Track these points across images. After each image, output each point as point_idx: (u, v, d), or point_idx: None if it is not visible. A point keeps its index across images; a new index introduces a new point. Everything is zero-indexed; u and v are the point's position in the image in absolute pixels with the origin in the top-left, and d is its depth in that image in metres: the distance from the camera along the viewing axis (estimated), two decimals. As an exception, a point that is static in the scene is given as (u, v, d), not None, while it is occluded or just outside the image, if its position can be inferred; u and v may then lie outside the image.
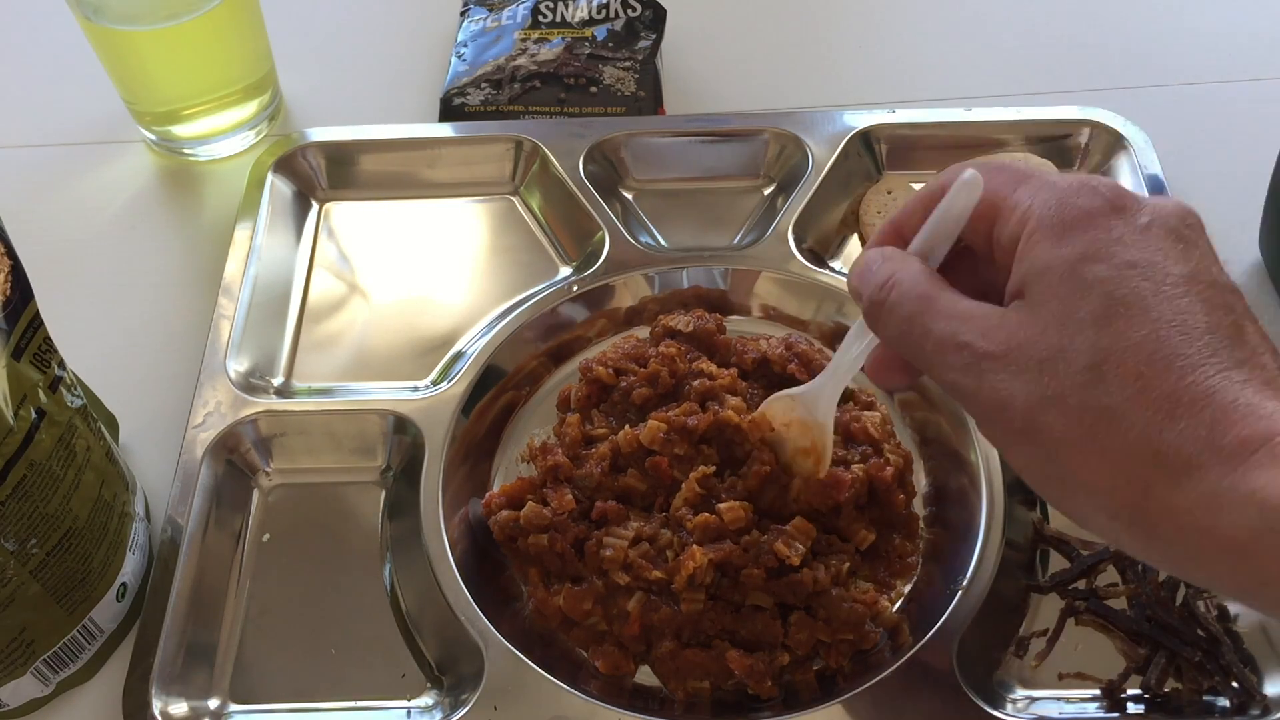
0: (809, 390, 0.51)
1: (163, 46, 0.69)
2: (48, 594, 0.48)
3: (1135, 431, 0.31)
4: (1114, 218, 0.34)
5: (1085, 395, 0.32)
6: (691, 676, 0.50)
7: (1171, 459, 0.31)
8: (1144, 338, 0.32)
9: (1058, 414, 0.33)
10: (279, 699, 0.51)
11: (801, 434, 0.51)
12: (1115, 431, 0.32)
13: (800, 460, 0.52)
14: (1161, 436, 0.31)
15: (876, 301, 0.38)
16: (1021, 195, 0.37)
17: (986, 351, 0.35)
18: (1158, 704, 0.49)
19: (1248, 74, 0.78)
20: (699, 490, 0.52)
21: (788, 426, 0.52)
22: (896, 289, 0.38)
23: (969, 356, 0.35)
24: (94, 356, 0.60)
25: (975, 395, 0.35)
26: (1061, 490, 0.34)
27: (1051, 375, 0.33)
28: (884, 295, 0.38)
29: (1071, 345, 0.33)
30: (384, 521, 0.57)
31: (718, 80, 0.80)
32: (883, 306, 0.38)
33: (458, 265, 0.68)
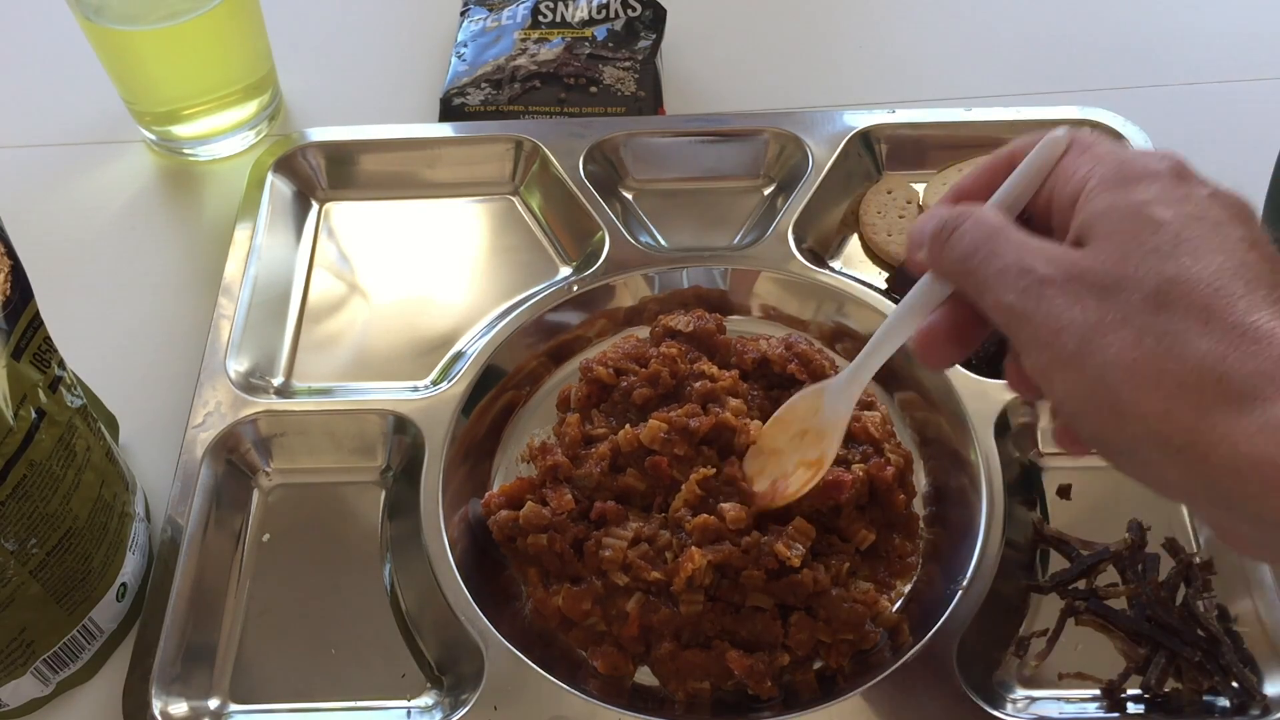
0: (836, 383, 0.50)
1: (163, 46, 0.69)
2: (48, 594, 0.48)
3: (1198, 357, 0.31)
4: (1178, 179, 0.35)
5: (1148, 319, 0.32)
6: (691, 677, 0.50)
7: (1235, 386, 0.31)
8: (1211, 273, 0.32)
9: (1116, 337, 0.33)
10: (279, 699, 0.51)
11: (812, 445, 0.51)
12: (1176, 355, 0.32)
13: (800, 471, 0.51)
14: (1225, 364, 0.31)
15: (942, 233, 0.38)
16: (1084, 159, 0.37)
17: (1049, 276, 0.35)
18: (1158, 704, 0.49)
19: (1248, 74, 0.78)
20: (699, 491, 0.52)
21: (802, 436, 0.51)
22: (970, 219, 0.38)
23: (1031, 280, 0.35)
24: (94, 356, 0.60)
25: (1031, 318, 0.35)
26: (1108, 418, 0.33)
27: (1114, 301, 0.33)
28: (957, 223, 0.38)
29: (1136, 273, 0.33)
30: (384, 521, 0.57)
31: (718, 80, 0.80)
32: (954, 232, 0.38)
33: (458, 265, 0.68)
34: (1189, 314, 0.32)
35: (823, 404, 0.50)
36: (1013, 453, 0.57)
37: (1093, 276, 0.34)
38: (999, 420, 0.56)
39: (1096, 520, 0.55)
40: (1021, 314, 0.35)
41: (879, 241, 0.67)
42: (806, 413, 0.51)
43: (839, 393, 0.50)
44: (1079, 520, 0.55)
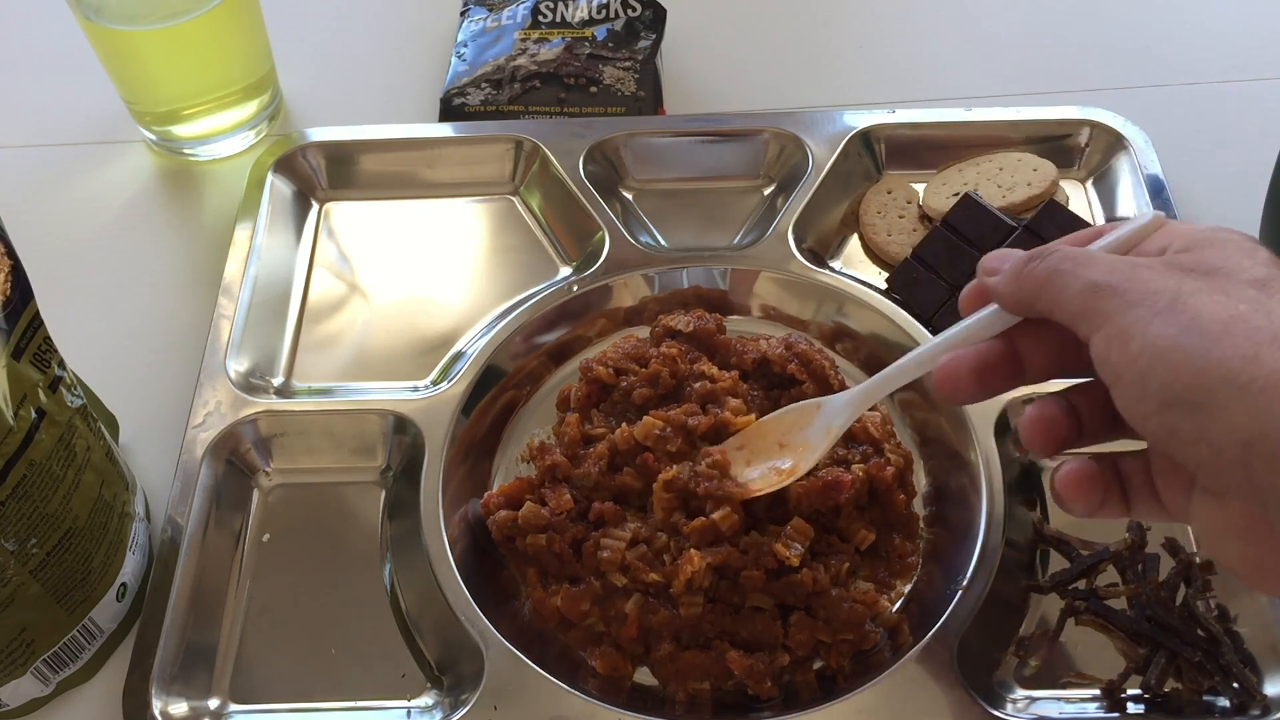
0: (837, 400, 0.50)
1: (163, 46, 0.69)
2: (48, 594, 0.48)
3: None
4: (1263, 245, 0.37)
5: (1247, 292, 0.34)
6: (691, 678, 0.50)
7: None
8: None
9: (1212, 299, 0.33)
10: (279, 699, 0.51)
11: (787, 455, 0.51)
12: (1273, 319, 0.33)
13: (769, 474, 0.51)
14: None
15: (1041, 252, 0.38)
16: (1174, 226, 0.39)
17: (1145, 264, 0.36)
18: (1158, 704, 0.49)
19: (1248, 74, 0.78)
20: (668, 495, 0.52)
21: (781, 448, 0.52)
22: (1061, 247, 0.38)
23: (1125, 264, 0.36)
24: (94, 356, 0.60)
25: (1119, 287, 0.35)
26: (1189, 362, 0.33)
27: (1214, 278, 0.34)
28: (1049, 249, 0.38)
29: (1237, 267, 0.35)
30: (384, 521, 0.57)
31: (718, 80, 0.80)
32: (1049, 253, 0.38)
33: (458, 265, 0.68)
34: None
35: (813, 421, 0.50)
36: (1013, 453, 0.57)
37: (1192, 264, 0.35)
38: (999, 420, 0.56)
39: (1096, 520, 0.55)
40: (1108, 286, 0.35)
41: (879, 241, 0.67)
42: (791, 426, 0.52)
43: (839, 409, 0.49)
44: (1079, 520, 0.55)
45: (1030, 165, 0.68)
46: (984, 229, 0.63)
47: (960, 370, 0.40)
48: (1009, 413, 0.57)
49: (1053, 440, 0.39)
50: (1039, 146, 0.70)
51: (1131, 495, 0.38)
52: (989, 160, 0.69)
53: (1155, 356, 0.33)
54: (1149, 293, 0.34)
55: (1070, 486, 0.39)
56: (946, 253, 0.63)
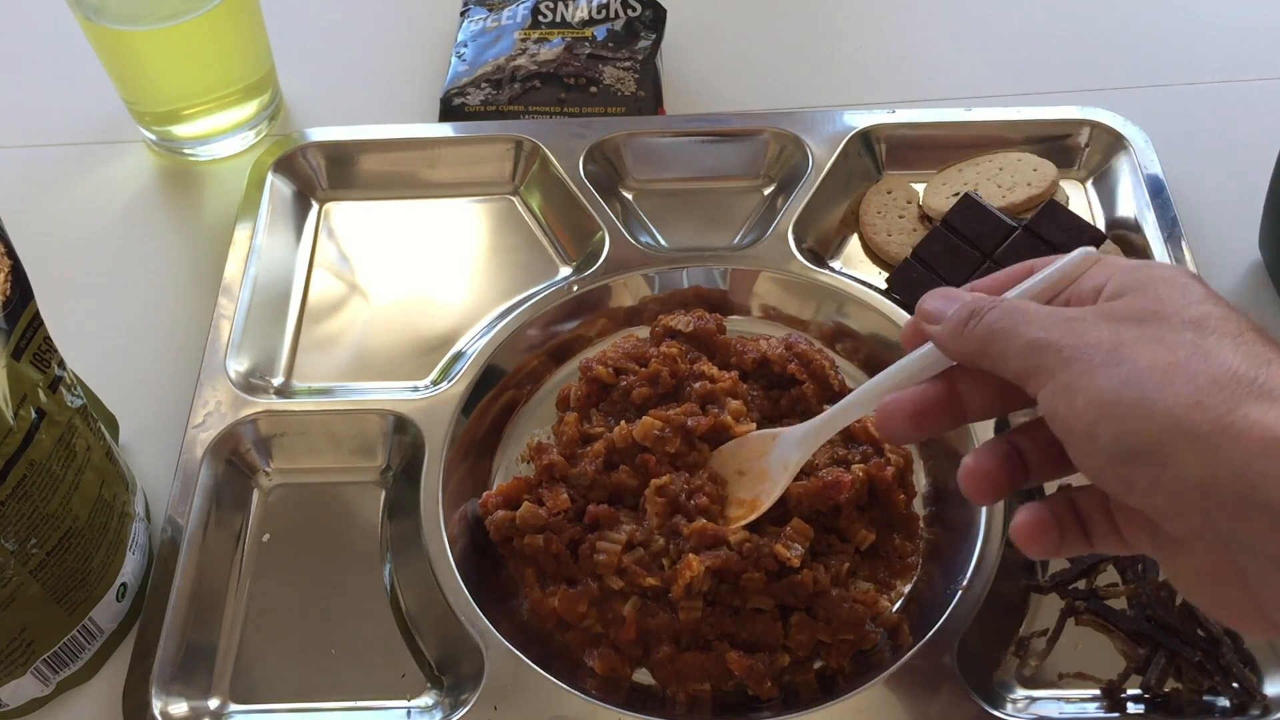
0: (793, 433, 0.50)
1: (163, 46, 0.69)
2: (48, 594, 0.48)
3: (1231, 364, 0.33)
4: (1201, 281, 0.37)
5: (1183, 335, 0.34)
6: (691, 679, 0.50)
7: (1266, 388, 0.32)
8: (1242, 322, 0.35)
9: (1150, 345, 0.34)
10: (279, 699, 0.51)
11: (748, 486, 0.51)
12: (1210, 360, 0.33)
13: (733, 508, 0.52)
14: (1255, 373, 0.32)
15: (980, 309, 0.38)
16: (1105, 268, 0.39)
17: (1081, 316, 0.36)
18: (1158, 704, 0.49)
19: (1248, 74, 0.78)
20: (660, 500, 0.52)
21: (741, 475, 0.52)
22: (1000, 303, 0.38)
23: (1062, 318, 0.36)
24: (94, 356, 0.60)
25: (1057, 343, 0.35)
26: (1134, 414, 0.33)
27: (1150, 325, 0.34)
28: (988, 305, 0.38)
29: (1173, 309, 0.35)
30: (384, 521, 0.57)
31: (718, 80, 0.80)
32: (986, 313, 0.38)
33: (458, 265, 0.68)
34: (1223, 337, 0.33)
35: (771, 450, 0.51)
36: (1013, 453, 0.57)
37: (1128, 312, 0.35)
38: (999, 420, 0.56)
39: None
40: (1047, 343, 0.35)
41: (879, 241, 0.67)
42: (750, 455, 0.52)
43: (795, 444, 0.50)
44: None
45: (1030, 165, 0.68)
46: (984, 229, 0.63)
47: (898, 412, 0.40)
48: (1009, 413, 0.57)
49: (991, 490, 0.39)
50: (1039, 146, 0.70)
51: (1092, 532, 0.38)
52: (989, 160, 0.69)
53: (1101, 410, 0.34)
54: (1087, 345, 0.34)
55: (1025, 537, 0.39)
56: (946, 253, 0.63)
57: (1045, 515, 0.38)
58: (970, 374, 0.39)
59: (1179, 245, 0.63)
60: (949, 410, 0.40)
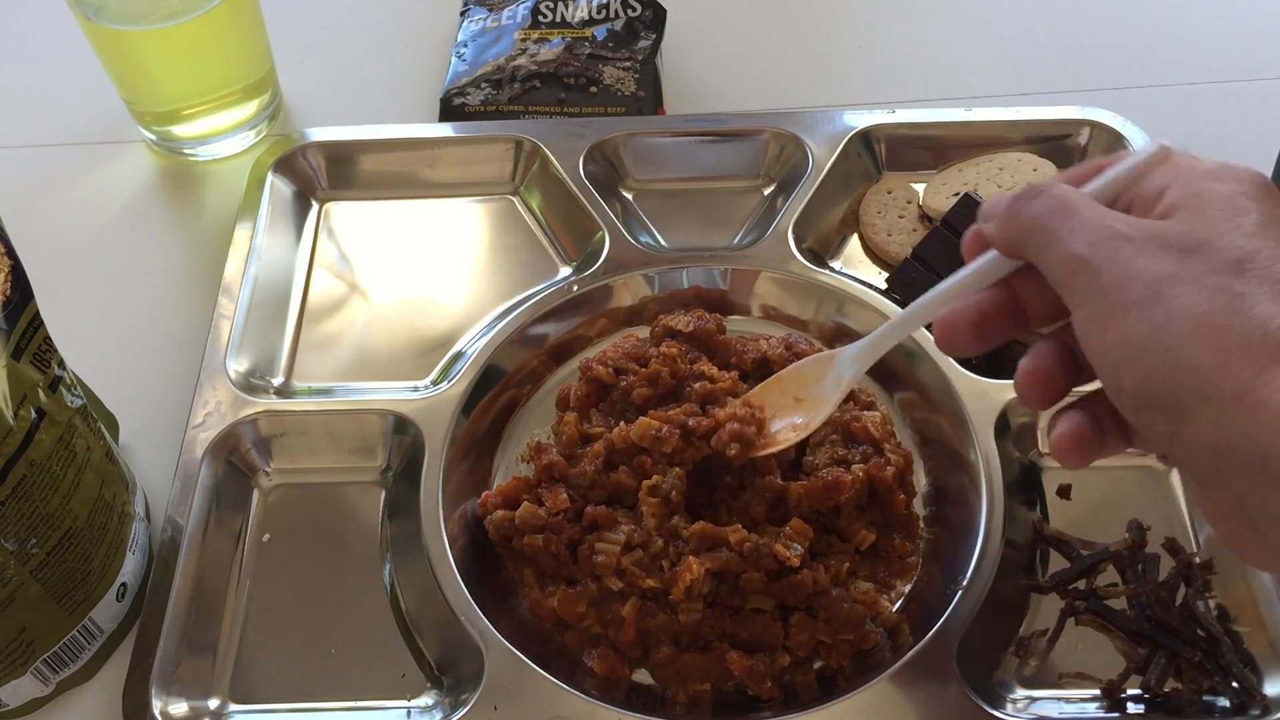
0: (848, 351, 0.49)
1: (163, 46, 0.69)
2: (48, 594, 0.48)
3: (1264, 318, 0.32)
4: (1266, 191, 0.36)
5: (1223, 279, 0.33)
6: (691, 679, 0.50)
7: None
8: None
9: (1188, 289, 0.33)
10: (279, 699, 0.51)
11: (807, 410, 0.50)
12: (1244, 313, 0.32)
13: (785, 432, 0.51)
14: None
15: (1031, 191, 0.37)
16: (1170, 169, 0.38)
17: (1126, 233, 0.35)
18: (1158, 704, 0.49)
19: (1248, 74, 0.78)
20: (654, 500, 0.52)
21: (798, 402, 0.51)
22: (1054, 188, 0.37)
23: (1107, 234, 0.35)
24: (94, 356, 0.60)
25: (1099, 267, 0.34)
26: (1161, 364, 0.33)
27: (1192, 259, 0.33)
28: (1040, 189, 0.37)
29: (1219, 240, 0.34)
30: (384, 521, 0.57)
31: (718, 80, 0.80)
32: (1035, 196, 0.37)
33: (458, 265, 0.68)
34: (1262, 283, 0.33)
35: (829, 373, 0.50)
36: (1013, 453, 0.57)
37: (1173, 238, 0.34)
38: (999, 420, 0.56)
39: (1096, 520, 0.55)
40: (1089, 263, 0.35)
41: (879, 241, 0.67)
42: (809, 379, 0.51)
43: (849, 361, 0.49)
44: (1079, 520, 0.55)
45: (1030, 165, 0.68)
46: (984, 229, 0.63)
47: (959, 322, 0.40)
48: (1009, 413, 0.57)
49: (1051, 393, 0.39)
50: (1039, 146, 0.70)
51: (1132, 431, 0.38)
52: (989, 160, 0.69)
53: (1129, 353, 0.34)
54: (1127, 277, 0.34)
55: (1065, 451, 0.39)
56: (946, 253, 0.63)
57: (1083, 424, 0.38)
58: (1030, 278, 0.38)
59: (1179, 245, 0.63)
60: (1010, 317, 0.39)
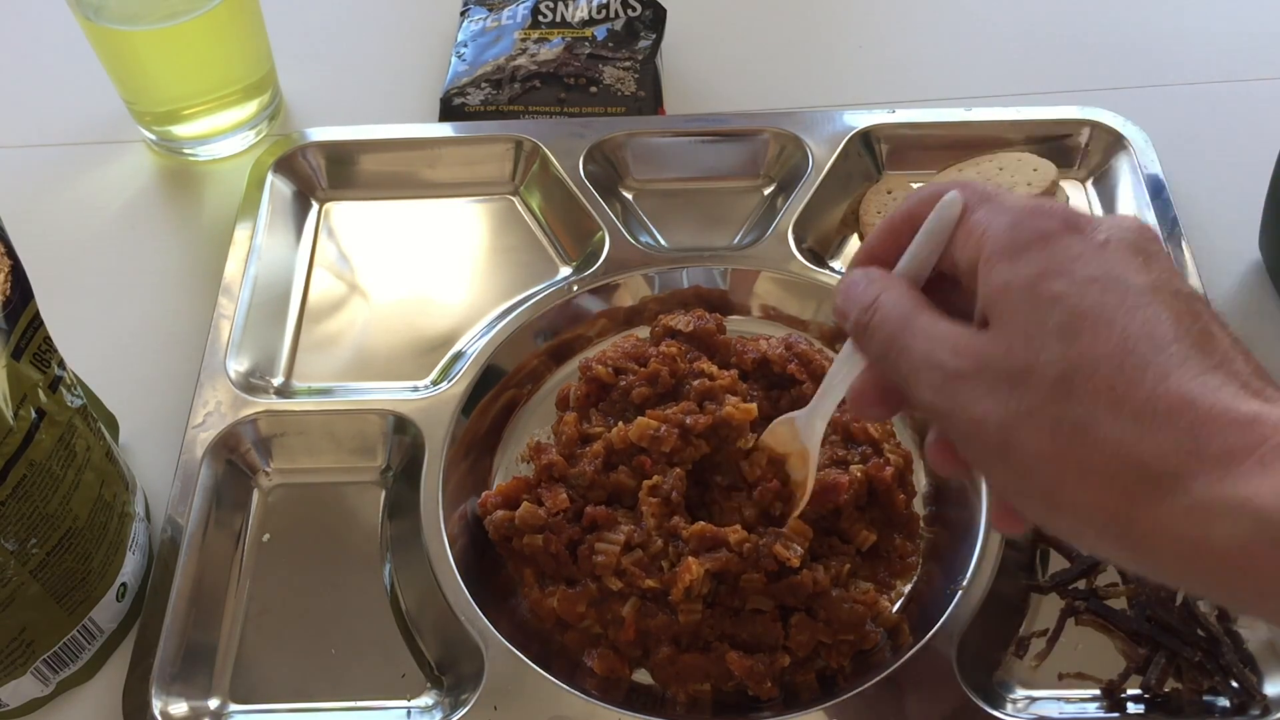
0: (801, 416, 0.50)
1: (163, 46, 0.69)
2: (48, 594, 0.48)
3: (1112, 444, 0.31)
4: (1070, 236, 0.34)
5: (1057, 409, 0.32)
6: (691, 679, 0.50)
7: (1155, 470, 0.30)
8: (1112, 349, 0.31)
9: (1031, 430, 0.32)
10: (279, 699, 0.51)
11: (797, 466, 0.51)
12: (1092, 445, 0.31)
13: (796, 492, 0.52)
14: (1141, 447, 0.30)
15: (861, 323, 0.38)
16: (979, 218, 0.36)
17: (958, 370, 0.34)
18: (1158, 704, 0.49)
19: (1248, 74, 0.78)
20: (654, 500, 0.52)
21: (789, 457, 0.52)
22: (880, 310, 0.37)
23: (941, 376, 0.35)
24: (94, 356, 0.60)
25: (950, 415, 0.35)
26: (1044, 507, 0.33)
27: (1022, 392, 0.32)
28: (868, 317, 0.38)
29: (1038, 361, 0.32)
30: (384, 521, 0.57)
31: (718, 80, 0.80)
32: (866, 328, 0.38)
33: (458, 265, 0.68)
34: (1096, 401, 0.31)
35: (799, 430, 0.51)
36: (1013, 453, 0.57)
37: (999, 365, 0.33)
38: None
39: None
40: (941, 410, 0.35)
41: (879, 241, 0.67)
42: (789, 438, 0.51)
43: (806, 425, 0.50)
44: (1079, 520, 0.55)
45: (1030, 165, 0.68)
46: (984, 229, 0.63)
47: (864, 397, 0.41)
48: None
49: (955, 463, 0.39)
50: (1039, 146, 0.70)
51: None
52: (989, 160, 0.69)
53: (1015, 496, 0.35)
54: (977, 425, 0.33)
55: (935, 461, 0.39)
56: (946, 253, 0.63)
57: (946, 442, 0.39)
58: None
59: (1179, 245, 0.63)
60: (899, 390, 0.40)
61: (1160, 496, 0.30)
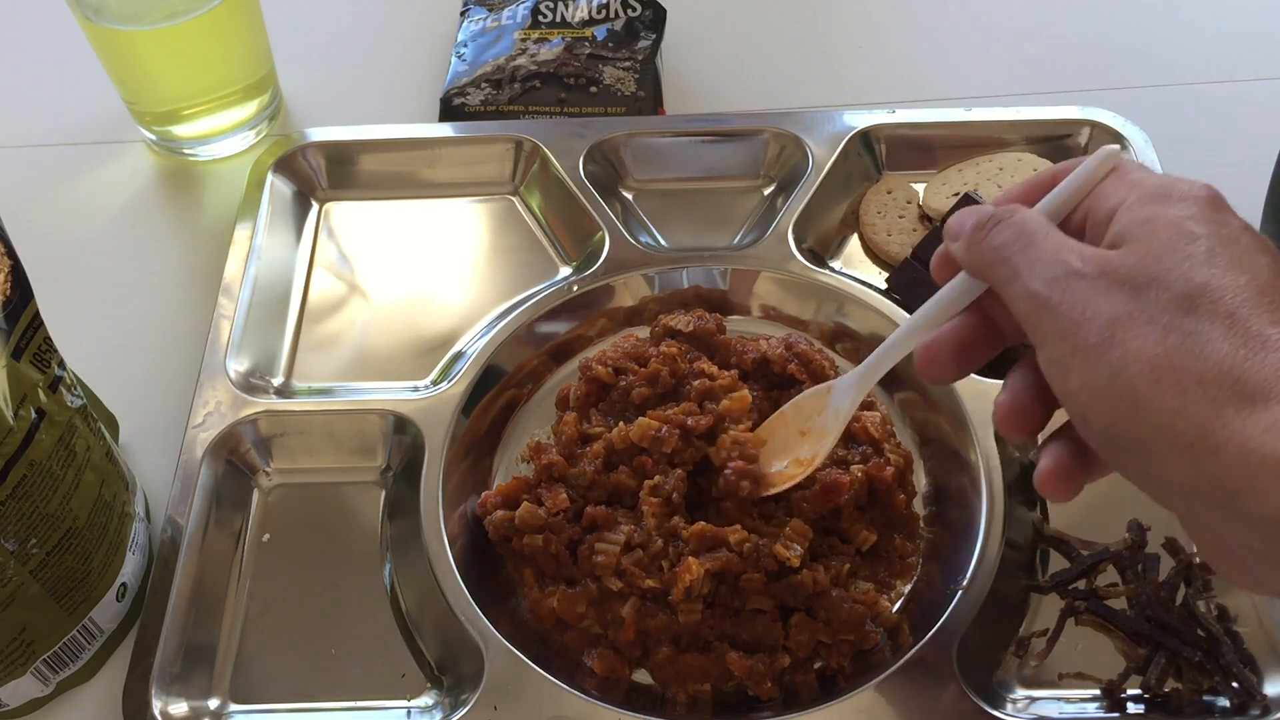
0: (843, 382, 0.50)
1: (163, 46, 0.69)
2: (48, 594, 0.48)
3: (1218, 357, 0.32)
4: (1215, 207, 0.36)
5: (1174, 318, 0.33)
6: (691, 679, 0.50)
7: (1251, 387, 0.32)
8: (1239, 287, 0.33)
9: (1141, 331, 0.33)
10: (279, 699, 0.51)
11: (809, 444, 0.51)
12: (1197, 354, 0.32)
13: (792, 467, 0.51)
14: (1245, 365, 0.32)
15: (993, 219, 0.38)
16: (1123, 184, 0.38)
17: (1080, 269, 0.35)
18: (1158, 704, 0.49)
19: (1248, 74, 0.78)
20: (654, 500, 0.52)
21: (802, 435, 0.51)
22: (1014, 215, 0.38)
23: (1062, 270, 0.35)
24: (94, 356, 0.60)
25: (1056, 307, 0.35)
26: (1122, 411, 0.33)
27: (1143, 297, 0.34)
28: (1000, 216, 0.38)
29: (1168, 275, 0.34)
30: (384, 521, 0.57)
31: (718, 80, 0.80)
32: (996, 224, 0.38)
33: (458, 265, 0.68)
34: (1214, 318, 0.33)
35: (828, 404, 0.50)
36: (1013, 453, 0.57)
37: (1125, 273, 0.35)
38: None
39: (1096, 520, 0.55)
40: (1047, 302, 0.35)
41: (879, 241, 0.67)
42: (810, 412, 0.51)
43: (845, 392, 0.50)
44: (1079, 520, 0.55)
45: (1030, 165, 0.68)
46: (984, 229, 0.63)
47: (940, 352, 0.41)
48: (1009, 413, 0.57)
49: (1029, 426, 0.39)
50: (1039, 146, 0.70)
51: None
52: (989, 160, 0.69)
53: (1090, 398, 0.34)
54: (1083, 319, 0.34)
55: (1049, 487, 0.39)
56: (946, 253, 0.63)
57: (1065, 457, 0.39)
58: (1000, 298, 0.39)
59: (1179, 245, 0.63)
60: (987, 339, 0.40)
61: (1247, 410, 0.31)
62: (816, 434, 0.51)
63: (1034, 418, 0.39)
